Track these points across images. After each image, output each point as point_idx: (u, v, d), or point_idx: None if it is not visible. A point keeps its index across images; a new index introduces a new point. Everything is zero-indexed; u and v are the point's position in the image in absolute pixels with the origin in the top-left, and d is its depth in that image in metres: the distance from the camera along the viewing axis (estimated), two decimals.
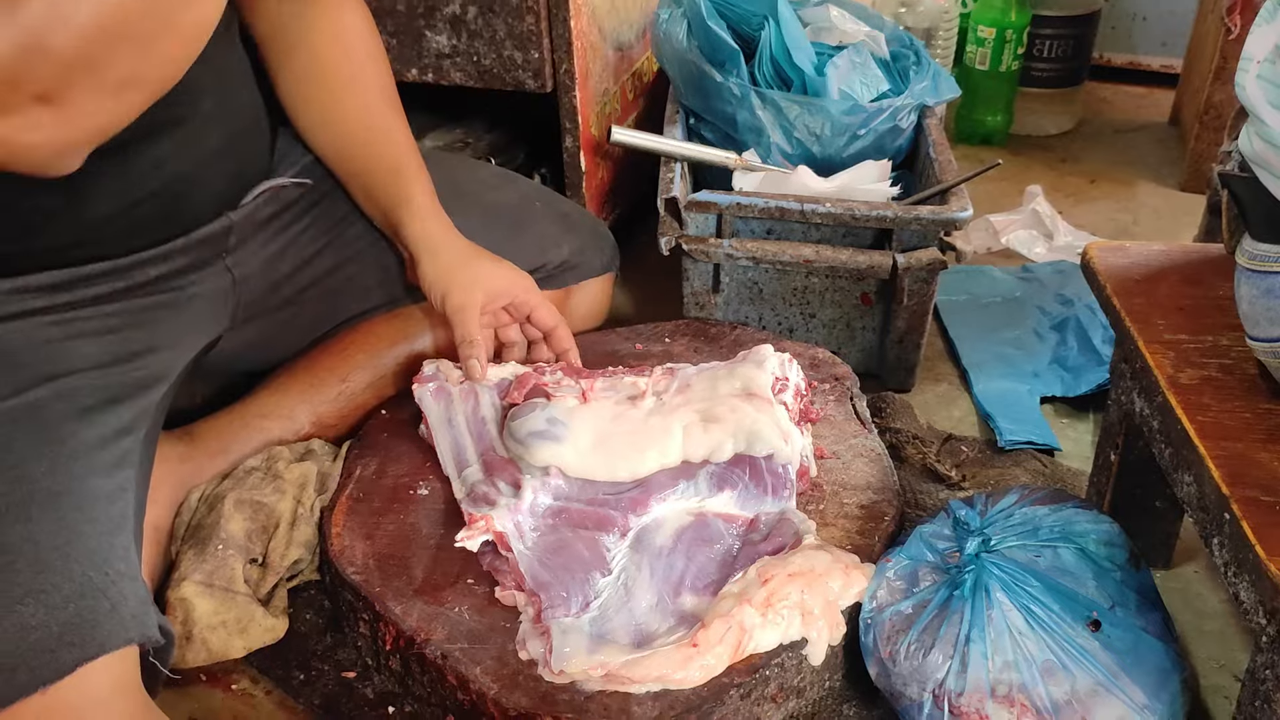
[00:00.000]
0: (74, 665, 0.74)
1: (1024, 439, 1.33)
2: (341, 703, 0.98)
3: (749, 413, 1.04)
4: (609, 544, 0.98)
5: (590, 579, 0.95)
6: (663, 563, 0.97)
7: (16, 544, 0.78)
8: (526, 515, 0.99)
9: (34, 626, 0.74)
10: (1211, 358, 0.91)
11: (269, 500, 1.07)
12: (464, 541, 0.96)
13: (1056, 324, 1.57)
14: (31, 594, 0.76)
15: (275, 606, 1.05)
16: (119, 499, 0.87)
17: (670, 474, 1.04)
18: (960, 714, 0.86)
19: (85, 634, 0.76)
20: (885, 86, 1.56)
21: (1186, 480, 0.85)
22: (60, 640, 0.75)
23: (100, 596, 0.78)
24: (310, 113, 1.16)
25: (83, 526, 0.82)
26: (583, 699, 0.87)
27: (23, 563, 0.77)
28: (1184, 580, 1.14)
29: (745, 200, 1.34)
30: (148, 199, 0.98)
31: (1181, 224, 1.88)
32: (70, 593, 0.77)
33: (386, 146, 1.16)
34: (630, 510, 1.01)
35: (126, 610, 0.79)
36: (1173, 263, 1.04)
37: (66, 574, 0.78)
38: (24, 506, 0.80)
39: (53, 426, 0.86)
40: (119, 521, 0.86)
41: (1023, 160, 2.12)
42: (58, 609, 0.76)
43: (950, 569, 0.93)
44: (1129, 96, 2.42)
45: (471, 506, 1.01)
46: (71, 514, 0.82)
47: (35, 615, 0.75)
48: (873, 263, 1.33)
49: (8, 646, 0.73)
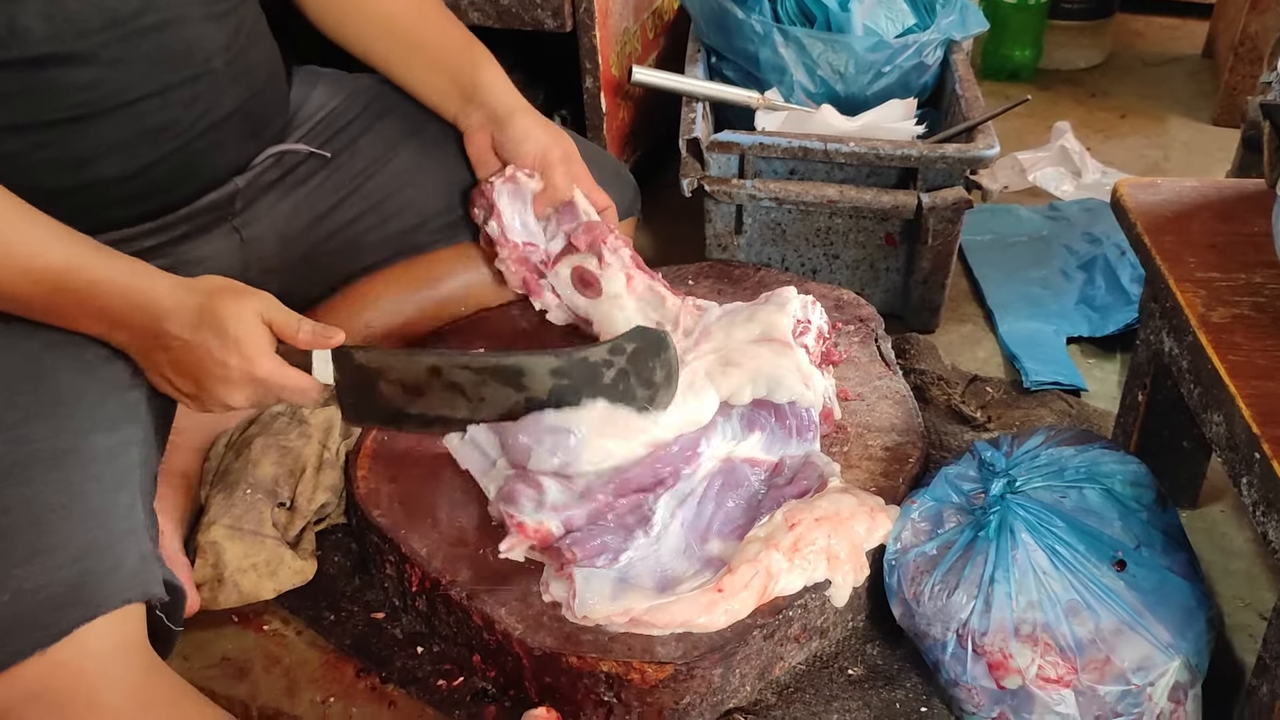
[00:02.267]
0: (72, 626, 0.74)
1: (1050, 379, 1.33)
2: (371, 642, 1.00)
3: (768, 358, 1.03)
4: (653, 501, 0.96)
5: (632, 538, 0.93)
6: (692, 510, 0.97)
7: (17, 506, 0.78)
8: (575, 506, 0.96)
9: (33, 589, 0.74)
10: (1244, 295, 0.89)
11: (295, 445, 1.08)
12: (508, 552, 0.94)
13: (1084, 263, 1.55)
14: (34, 555, 0.76)
15: (304, 549, 1.06)
16: (123, 454, 0.86)
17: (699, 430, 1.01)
18: (984, 653, 0.87)
19: (85, 594, 0.75)
20: (911, 21, 1.53)
21: (1216, 420, 0.84)
22: (63, 601, 0.75)
23: (101, 556, 0.78)
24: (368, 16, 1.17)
25: (85, 485, 0.81)
26: (606, 639, 0.88)
27: (24, 524, 0.77)
28: (1210, 520, 1.14)
29: (768, 140, 1.32)
30: (159, 162, 0.98)
31: (1214, 159, 1.84)
32: (73, 553, 0.77)
33: (451, 23, 1.19)
34: (682, 462, 0.99)
35: (128, 568, 0.79)
36: (1205, 199, 1.02)
37: (67, 535, 0.78)
38: (25, 468, 0.80)
39: (51, 382, 0.86)
40: (122, 478, 0.85)
41: (1051, 95, 2.08)
42: (58, 570, 0.76)
43: (975, 510, 0.93)
44: (1161, 28, 2.36)
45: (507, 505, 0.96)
46: (74, 473, 0.82)
47: (37, 577, 0.75)
48: (897, 202, 1.31)
49: (8, 610, 0.73)
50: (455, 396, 0.96)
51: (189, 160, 1.00)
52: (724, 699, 0.91)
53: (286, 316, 0.90)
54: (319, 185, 1.16)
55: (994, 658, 0.86)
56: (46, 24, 0.86)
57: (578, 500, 0.95)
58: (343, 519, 1.11)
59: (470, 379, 0.96)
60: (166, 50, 0.95)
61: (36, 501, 0.78)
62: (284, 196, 1.14)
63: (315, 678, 0.98)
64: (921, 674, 0.95)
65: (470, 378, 0.96)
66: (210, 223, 1.07)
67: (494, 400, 0.97)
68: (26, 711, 0.72)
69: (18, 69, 0.87)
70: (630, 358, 0.96)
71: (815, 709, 0.92)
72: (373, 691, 0.97)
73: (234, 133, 1.05)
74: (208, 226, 1.07)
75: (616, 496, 0.96)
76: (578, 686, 0.88)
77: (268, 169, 1.12)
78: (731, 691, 0.91)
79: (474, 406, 0.97)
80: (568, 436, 0.96)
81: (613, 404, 0.97)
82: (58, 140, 0.90)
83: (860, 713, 0.92)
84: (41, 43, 0.87)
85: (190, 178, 1.02)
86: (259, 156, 1.10)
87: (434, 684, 0.96)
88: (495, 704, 0.94)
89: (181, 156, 0.99)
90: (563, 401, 0.96)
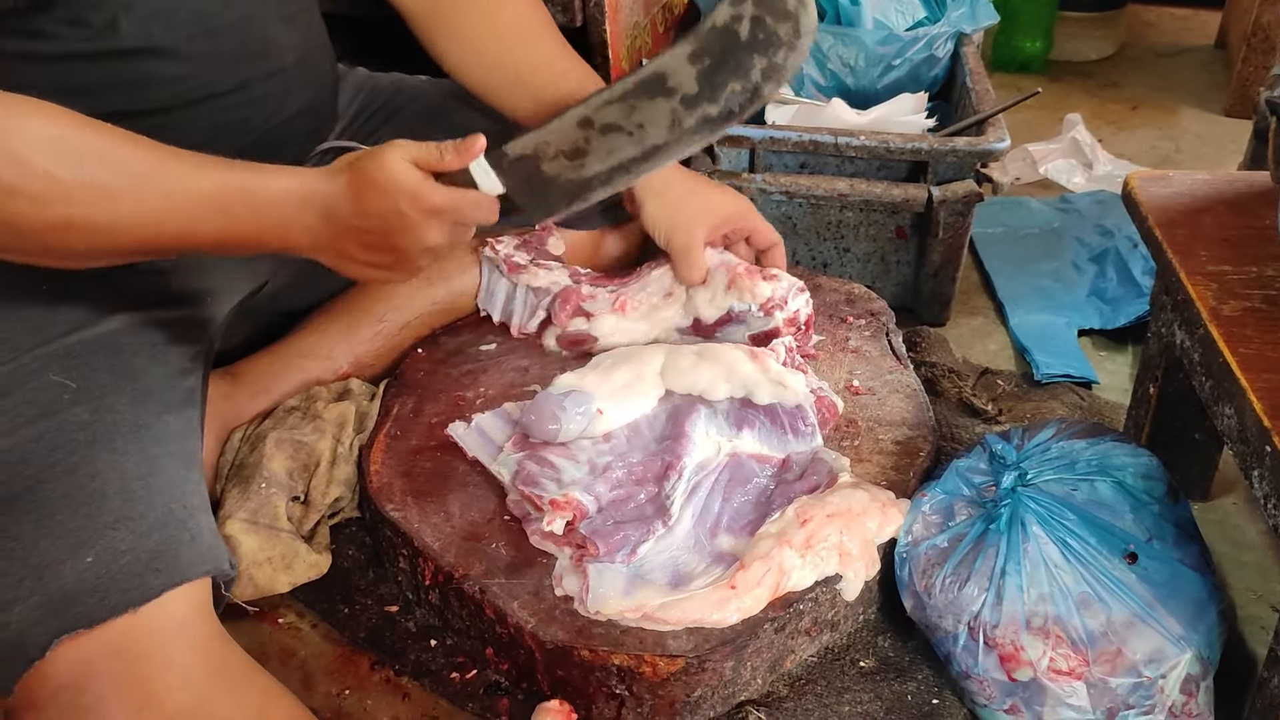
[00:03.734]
0: (160, 590, 0.77)
1: (1061, 372, 1.32)
2: (385, 635, 1.01)
3: (741, 359, 1.04)
4: (669, 491, 0.97)
5: (651, 529, 0.94)
6: (700, 503, 0.98)
7: (105, 472, 0.81)
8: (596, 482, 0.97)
9: (123, 551, 0.78)
10: (1256, 289, 0.89)
11: (309, 439, 1.09)
12: (549, 527, 0.94)
13: (1095, 255, 1.55)
14: (121, 520, 0.79)
15: (318, 543, 1.07)
16: (190, 436, 0.91)
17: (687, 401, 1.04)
18: (995, 645, 0.87)
19: (169, 561, 0.79)
20: (921, 14, 1.53)
21: (1227, 413, 0.84)
22: (147, 566, 0.78)
23: (180, 527, 0.82)
24: (505, 69, 1.15)
25: (163, 460, 0.85)
26: (618, 633, 0.88)
27: (111, 490, 0.81)
28: (1222, 512, 1.14)
29: (778, 134, 1.32)
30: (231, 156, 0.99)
31: (1226, 151, 1.84)
32: (154, 521, 0.81)
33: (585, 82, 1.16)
34: (675, 450, 0.99)
35: (204, 542, 0.83)
36: (1217, 192, 1.02)
37: (150, 504, 0.82)
38: (110, 437, 0.83)
39: (130, 360, 0.89)
40: (190, 458, 0.89)
41: (1062, 87, 2.07)
42: (144, 536, 0.79)
43: (986, 503, 0.93)
44: (1173, 19, 2.35)
45: (531, 487, 0.97)
46: (152, 447, 0.85)
47: (124, 541, 0.79)
48: (908, 196, 1.31)
49: (100, 569, 0.77)
50: (617, 137, 0.91)
51: (256, 156, 1.02)
52: (735, 691, 0.91)
53: (425, 150, 0.88)
54: None
55: (1005, 650, 0.87)
56: (139, 19, 0.89)
57: (595, 476, 0.97)
58: (356, 513, 1.11)
59: (621, 111, 0.90)
60: (247, 48, 0.98)
61: (122, 468, 0.82)
62: None
63: (330, 670, 0.99)
64: (933, 666, 0.95)
65: (620, 110, 0.90)
66: None
67: (654, 120, 0.91)
68: (107, 664, 0.75)
69: (111, 60, 0.90)
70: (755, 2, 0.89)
71: (827, 701, 0.93)
72: (387, 684, 0.97)
73: (298, 131, 1.08)
74: None
75: (629, 477, 0.98)
76: (590, 679, 0.89)
77: (318, 161, 1.14)
78: (743, 684, 0.92)
79: (637, 137, 0.91)
80: (589, 401, 0.99)
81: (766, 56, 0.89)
82: (141, 132, 0.92)
83: (871, 705, 0.92)
84: (135, 36, 0.89)
85: None
86: (311, 153, 1.13)
87: (447, 677, 0.97)
88: (508, 697, 0.94)
89: (250, 153, 1.00)
90: (717, 87, 0.90)
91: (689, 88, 0.89)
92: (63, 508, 0.78)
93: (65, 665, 0.74)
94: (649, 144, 0.91)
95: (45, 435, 0.82)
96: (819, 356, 1.19)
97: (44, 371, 0.85)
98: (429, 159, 0.87)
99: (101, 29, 0.88)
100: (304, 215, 0.86)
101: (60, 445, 0.81)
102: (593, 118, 0.90)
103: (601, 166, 0.92)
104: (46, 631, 0.74)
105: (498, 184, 0.90)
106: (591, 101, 0.90)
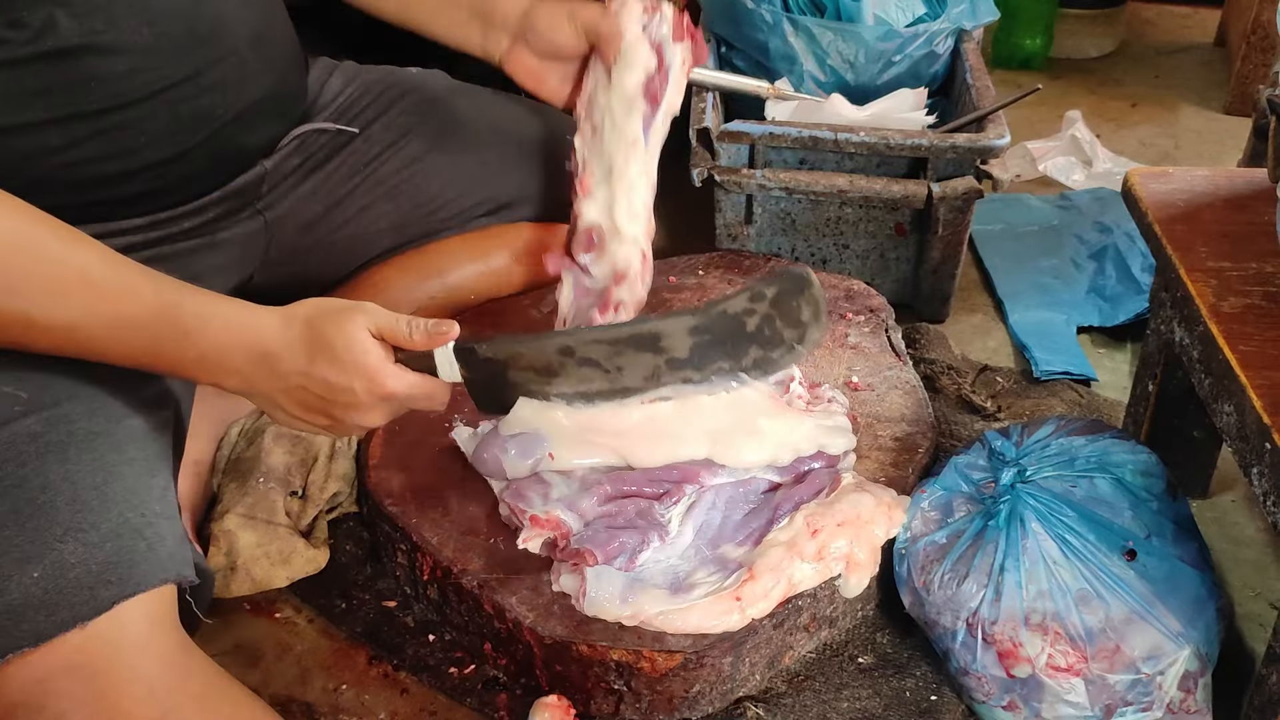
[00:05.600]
0: (111, 603, 0.75)
1: (1060, 369, 1.32)
2: (382, 630, 1.01)
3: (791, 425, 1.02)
4: (662, 512, 0.95)
5: (648, 541, 0.93)
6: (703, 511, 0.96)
7: (56, 483, 0.78)
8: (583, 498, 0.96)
9: (73, 564, 0.75)
10: (1255, 285, 0.89)
11: (307, 434, 1.09)
12: (525, 544, 0.94)
13: (1094, 252, 1.55)
14: (70, 532, 0.77)
15: (316, 538, 1.07)
16: (157, 438, 0.87)
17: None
18: (994, 642, 0.87)
19: (123, 573, 0.76)
20: (921, 10, 1.53)
21: (1227, 410, 0.84)
22: (98, 578, 0.75)
23: (137, 536, 0.79)
24: None
25: (120, 467, 0.82)
26: (617, 628, 0.88)
27: (61, 501, 0.78)
28: (1221, 509, 1.14)
29: (778, 130, 1.32)
30: (196, 147, 0.98)
31: (1226, 148, 1.84)
32: (108, 531, 0.78)
33: None
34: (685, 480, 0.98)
35: (164, 550, 0.80)
36: (1216, 189, 1.02)
37: (104, 513, 0.79)
38: (62, 448, 0.80)
39: (89, 365, 0.85)
40: (156, 462, 0.86)
41: (1062, 84, 2.07)
42: (95, 547, 0.77)
43: (985, 499, 0.93)
44: (1173, 16, 2.35)
45: (516, 500, 0.96)
46: (109, 454, 0.82)
47: (74, 553, 0.76)
48: (907, 192, 1.31)
49: (48, 584, 0.74)
50: (591, 371, 0.91)
51: (223, 144, 1.01)
52: (734, 687, 0.91)
53: (394, 323, 0.86)
54: (335, 169, 1.17)
55: (1004, 646, 0.87)
56: (78, 14, 0.87)
57: (583, 492, 0.95)
58: (354, 508, 1.11)
59: (605, 352, 0.91)
60: (195, 33, 0.95)
61: (74, 479, 0.79)
62: (303, 180, 1.15)
63: (327, 665, 0.99)
64: (931, 662, 0.95)
65: (605, 350, 0.91)
66: (239, 205, 1.08)
67: (632, 368, 0.92)
68: (64, 681, 0.73)
69: (54, 61, 0.87)
70: (773, 302, 0.91)
71: (825, 697, 0.93)
72: (384, 679, 0.97)
73: (263, 115, 1.05)
74: (236, 209, 1.08)
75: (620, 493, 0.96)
76: (588, 675, 0.89)
77: (292, 153, 1.13)
78: (741, 680, 0.92)
79: (612, 377, 0.92)
80: (539, 445, 0.96)
81: (763, 349, 0.92)
82: (100, 132, 0.91)
83: (870, 701, 0.92)
84: (75, 32, 0.87)
85: (224, 161, 1.03)
86: (285, 138, 1.11)
87: (445, 672, 0.97)
88: (506, 692, 0.94)
89: (216, 141, 1.00)
90: (706, 360, 0.91)
91: (679, 352, 0.91)
92: (9, 523, 0.75)
93: (20, 684, 0.72)
94: (621, 385, 0.92)
95: None
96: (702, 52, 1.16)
97: None
98: (395, 334, 0.85)
99: (40, 29, 0.84)
100: (243, 360, 0.83)
101: (10, 459, 0.78)
102: (575, 348, 0.90)
103: (567, 389, 0.92)
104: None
105: (457, 374, 0.88)
106: (580, 335, 0.91)
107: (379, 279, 1.21)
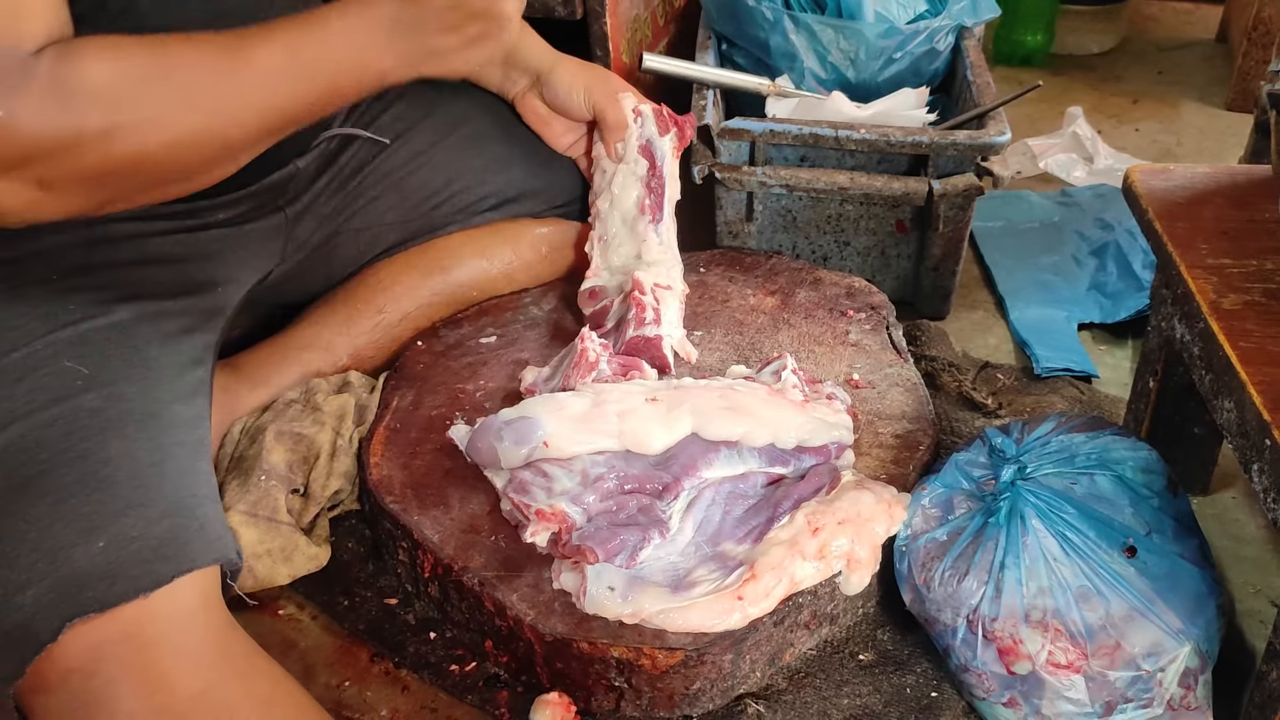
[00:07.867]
0: (170, 577, 0.77)
1: (1061, 366, 1.32)
2: (384, 628, 1.01)
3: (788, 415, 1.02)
4: (663, 508, 0.95)
5: (648, 538, 0.93)
6: (703, 507, 0.96)
7: (116, 458, 0.82)
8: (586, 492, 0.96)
9: (134, 537, 0.78)
10: (1256, 282, 0.89)
11: (309, 432, 1.09)
12: (533, 538, 0.94)
13: (1095, 249, 1.55)
14: (131, 507, 0.80)
15: (318, 535, 1.07)
16: (199, 426, 0.91)
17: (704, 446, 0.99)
18: (994, 638, 0.87)
19: (178, 549, 0.79)
20: (922, 7, 1.53)
21: (1227, 406, 0.84)
22: (156, 553, 0.78)
23: (190, 515, 0.82)
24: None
25: (173, 448, 0.85)
26: (617, 625, 0.88)
27: (122, 476, 0.81)
28: (1221, 506, 1.14)
29: (779, 127, 1.32)
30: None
31: (1227, 145, 1.83)
32: (165, 508, 0.81)
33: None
34: (681, 478, 0.97)
35: (213, 530, 0.84)
36: (1218, 185, 1.01)
37: (160, 491, 0.82)
38: (121, 424, 0.84)
39: (141, 349, 0.89)
40: (199, 447, 0.89)
41: (1063, 81, 2.07)
42: (154, 523, 0.80)
43: (985, 496, 0.93)
44: (1175, 12, 2.35)
45: (520, 495, 0.96)
46: (162, 435, 0.85)
47: (135, 527, 0.79)
48: (908, 189, 1.31)
49: (111, 554, 0.77)
50: None
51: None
52: (734, 684, 0.92)
53: None
54: (345, 164, 1.18)
55: (1004, 643, 0.87)
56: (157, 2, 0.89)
57: (585, 486, 0.95)
58: (356, 505, 1.11)
59: None
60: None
61: (134, 455, 0.82)
62: (318, 176, 1.16)
63: (329, 662, 0.99)
64: (932, 659, 0.96)
65: None
66: (267, 202, 1.10)
67: None
68: (118, 649, 0.75)
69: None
70: None
71: (826, 694, 0.93)
72: (386, 676, 0.97)
73: None
74: (265, 205, 1.09)
75: (622, 489, 0.96)
76: (589, 672, 0.89)
77: (320, 154, 1.14)
78: (742, 677, 0.92)
79: None
80: (534, 430, 0.96)
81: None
82: None
83: (870, 697, 0.93)
84: (155, 15, 0.88)
85: (267, 157, 1.04)
86: (316, 139, 1.13)
87: (447, 669, 0.97)
88: (507, 689, 0.94)
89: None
90: None
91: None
92: (76, 492, 0.79)
93: (76, 649, 0.74)
94: None
95: (58, 420, 0.82)
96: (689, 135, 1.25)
97: (57, 358, 0.86)
98: None
99: (120, 10, 0.86)
100: (374, 31, 0.87)
101: (73, 430, 0.82)
102: None
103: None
104: (58, 615, 0.74)
105: None
106: None
107: (384, 275, 1.22)
